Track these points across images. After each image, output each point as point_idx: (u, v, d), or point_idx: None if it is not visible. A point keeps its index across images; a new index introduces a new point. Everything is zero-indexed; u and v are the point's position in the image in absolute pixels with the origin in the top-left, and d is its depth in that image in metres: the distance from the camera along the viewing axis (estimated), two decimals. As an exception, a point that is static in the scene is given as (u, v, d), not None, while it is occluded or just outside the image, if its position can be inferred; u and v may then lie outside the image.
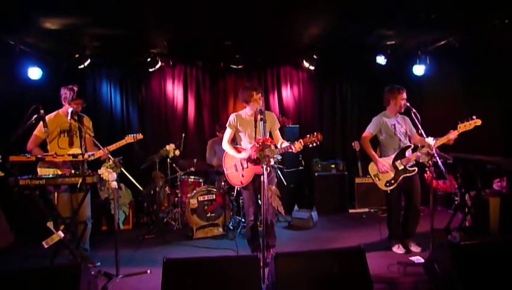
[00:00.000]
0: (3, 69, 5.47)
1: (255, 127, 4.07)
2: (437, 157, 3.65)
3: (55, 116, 4.06)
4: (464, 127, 3.92)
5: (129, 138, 4.20)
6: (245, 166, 4.14)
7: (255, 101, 4.08)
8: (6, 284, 2.75)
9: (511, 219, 4.55)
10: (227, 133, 4.26)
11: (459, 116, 3.97)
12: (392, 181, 4.25)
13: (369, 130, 4.42)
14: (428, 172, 3.76)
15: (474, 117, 3.91)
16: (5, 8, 4.23)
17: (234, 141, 4.35)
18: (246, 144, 4.19)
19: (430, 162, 3.68)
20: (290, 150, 3.86)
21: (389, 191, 4.28)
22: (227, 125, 4.27)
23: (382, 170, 4.25)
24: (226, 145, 4.25)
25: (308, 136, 3.76)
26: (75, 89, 3.99)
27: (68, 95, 3.97)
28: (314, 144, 3.76)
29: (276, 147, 3.72)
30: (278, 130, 4.25)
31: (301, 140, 3.78)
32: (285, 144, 3.94)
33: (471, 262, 2.95)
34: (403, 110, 4.33)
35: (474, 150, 4.69)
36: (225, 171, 4.35)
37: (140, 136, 4.28)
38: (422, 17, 4.92)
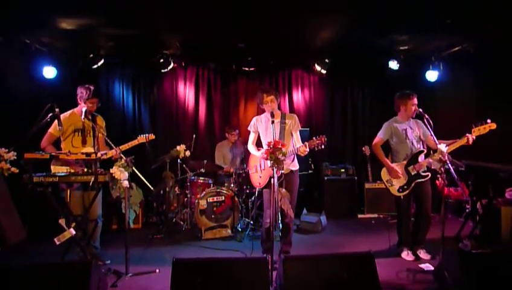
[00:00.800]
0: (19, 67, 5.57)
1: (265, 130, 4.13)
2: (449, 164, 3.61)
3: (70, 115, 4.12)
4: (478, 131, 3.82)
5: (141, 138, 4.26)
6: (263, 167, 4.18)
7: (266, 104, 4.11)
8: (18, 279, 2.80)
9: (523, 228, 4.49)
10: (251, 137, 4.37)
11: (472, 123, 3.89)
12: (405, 187, 4.21)
13: (380, 136, 4.40)
14: (440, 179, 3.72)
15: (488, 121, 3.80)
16: (22, 8, 4.31)
17: (259, 145, 4.41)
18: (264, 146, 4.23)
19: (442, 168, 3.64)
20: (298, 153, 3.91)
21: (402, 197, 4.24)
22: (249, 128, 4.39)
23: (395, 175, 4.22)
24: (249, 146, 4.37)
25: (314, 138, 3.79)
26: (92, 88, 4.06)
27: (84, 94, 4.04)
28: (320, 147, 3.78)
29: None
30: (297, 132, 4.24)
31: (306, 143, 3.82)
32: (296, 147, 3.98)
33: (481, 271, 2.92)
34: (414, 116, 4.28)
35: (487, 157, 4.64)
36: (249, 172, 4.44)
37: (152, 136, 4.32)
38: (437, 22, 4.88)
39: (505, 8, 4.43)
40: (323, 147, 3.78)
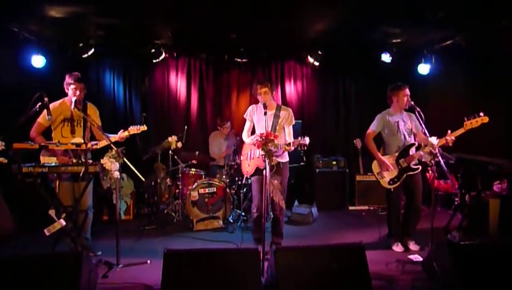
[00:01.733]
0: (6, 56, 5.46)
1: (258, 121, 4.14)
2: (439, 157, 3.64)
3: (60, 104, 4.06)
4: (471, 124, 3.83)
5: (132, 130, 4.20)
6: (251, 156, 4.19)
7: (259, 95, 4.13)
8: (7, 271, 2.77)
9: (510, 220, 4.55)
10: (246, 125, 4.39)
11: (464, 116, 3.91)
12: (396, 179, 4.24)
13: (372, 128, 4.42)
14: (430, 171, 3.75)
15: (481, 114, 3.80)
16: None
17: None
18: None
19: (432, 161, 3.67)
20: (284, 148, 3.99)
21: (392, 189, 4.28)
22: (244, 116, 4.41)
23: (386, 168, 4.25)
24: (244, 135, 4.38)
25: (299, 138, 3.84)
26: (76, 74, 4.01)
27: (68, 80, 3.99)
28: (303, 148, 3.85)
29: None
30: (290, 127, 4.25)
31: (290, 142, 3.90)
32: (285, 142, 4.03)
33: (469, 261, 2.97)
34: (407, 107, 4.28)
35: (476, 150, 4.69)
36: (241, 158, 4.48)
37: (144, 127, 4.27)
38: (429, 16, 4.89)
39: (495, 2, 4.46)
40: (305, 148, 3.87)
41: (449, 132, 3.89)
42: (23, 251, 4.24)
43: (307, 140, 3.79)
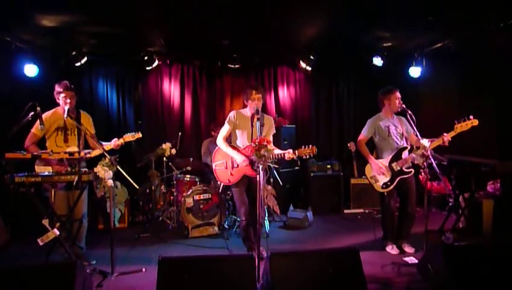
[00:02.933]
0: (-1, 65, 5.45)
1: (252, 127, 4.12)
2: (432, 159, 3.67)
3: (53, 113, 4.05)
4: (461, 127, 3.93)
5: (127, 137, 4.20)
6: (235, 165, 4.13)
7: (253, 100, 4.10)
8: (1, 281, 2.75)
9: (504, 221, 4.59)
10: (224, 129, 4.22)
11: (455, 118, 3.99)
12: (389, 183, 4.27)
13: (364, 133, 4.45)
14: (423, 173, 3.79)
15: (471, 117, 3.91)
16: (1, 4, 4.20)
17: (228, 140, 4.31)
18: (241, 142, 4.20)
19: (424, 163, 3.71)
20: (284, 157, 3.92)
21: (385, 193, 4.30)
22: (226, 121, 4.24)
23: (378, 172, 4.27)
24: (220, 140, 4.20)
25: (304, 147, 3.81)
26: (65, 82, 4.00)
27: (57, 88, 3.97)
28: (308, 156, 3.81)
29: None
30: (271, 136, 4.26)
31: (296, 151, 3.85)
32: (277, 151, 3.98)
33: (464, 263, 2.99)
34: (399, 110, 4.32)
35: (469, 152, 4.73)
36: (213, 167, 4.28)
37: (139, 135, 4.27)
38: (419, 19, 4.95)
39: (483, 6, 4.52)
40: (312, 156, 3.83)
41: (445, 133, 3.95)
42: (16, 261, 4.21)
43: (314, 149, 3.78)
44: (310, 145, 3.84)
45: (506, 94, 5.28)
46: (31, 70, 5.54)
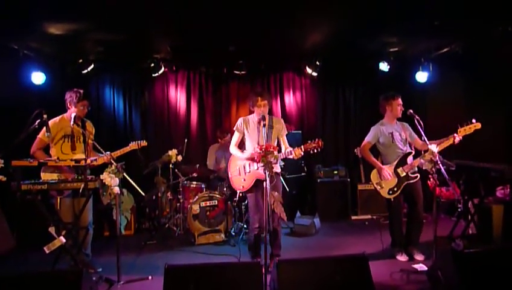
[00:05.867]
0: (6, 73, 5.48)
1: (258, 133, 4.10)
2: (440, 165, 3.63)
3: (60, 120, 4.07)
4: (464, 131, 3.95)
5: (133, 145, 4.25)
6: (247, 170, 4.12)
7: (259, 107, 4.10)
8: (7, 289, 2.74)
9: (514, 226, 4.52)
10: (235, 137, 4.28)
11: (462, 123, 3.98)
12: (395, 189, 4.23)
13: (368, 140, 4.43)
14: (431, 179, 3.74)
15: (473, 121, 3.93)
16: (9, 13, 4.25)
17: (241, 147, 4.33)
18: (251, 149, 4.19)
19: (433, 169, 3.66)
20: (291, 156, 3.88)
21: (392, 199, 4.26)
22: (234, 129, 4.29)
23: (386, 177, 4.24)
24: (233, 148, 4.26)
25: (309, 142, 3.77)
26: (81, 91, 4.03)
27: (74, 98, 3.99)
28: (315, 151, 3.77)
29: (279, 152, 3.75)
30: (285, 136, 4.24)
31: (302, 146, 3.79)
32: (288, 150, 3.95)
33: (474, 270, 2.94)
34: (400, 116, 4.34)
35: (477, 157, 4.68)
36: (229, 175, 4.33)
37: (144, 143, 4.31)
38: (425, 24, 4.93)
39: (490, 10, 4.49)
40: (319, 150, 3.77)
41: (455, 134, 3.95)
42: (22, 268, 4.21)
43: (320, 142, 3.73)
44: (316, 139, 3.78)
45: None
46: (38, 78, 5.59)
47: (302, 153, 3.80)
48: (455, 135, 3.95)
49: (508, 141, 5.40)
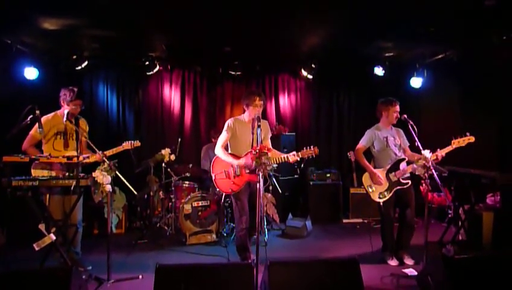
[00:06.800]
0: (-1, 68, 5.44)
1: (252, 134, 4.08)
2: (433, 170, 3.66)
3: (53, 117, 4.03)
4: (458, 143, 4.00)
5: (126, 145, 4.20)
6: (238, 173, 4.09)
7: (255, 107, 4.08)
8: (-5, 286, 2.71)
9: (504, 233, 4.55)
10: (223, 137, 4.15)
11: (455, 129, 4.05)
12: (385, 193, 4.25)
13: (362, 143, 4.45)
14: (424, 184, 3.77)
15: (467, 134, 3.98)
16: (3, 7, 4.20)
17: (226, 147, 4.26)
18: (240, 149, 4.16)
19: (426, 174, 3.69)
20: (287, 161, 3.89)
21: (381, 203, 4.28)
22: (224, 129, 4.18)
23: (377, 181, 4.26)
24: (219, 149, 4.12)
25: (305, 149, 3.79)
26: (75, 89, 3.98)
27: (67, 96, 3.95)
28: (310, 157, 3.80)
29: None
30: (269, 139, 4.26)
31: (299, 153, 3.84)
32: (284, 156, 3.97)
33: (464, 276, 2.95)
34: (395, 122, 4.37)
35: (469, 164, 4.72)
36: (213, 177, 4.23)
37: (137, 143, 4.27)
38: (421, 30, 4.96)
39: (485, 18, 4.53)
40: (314, 156, 3.82)
41: (439, 149, 3.99)
42: (11, 265, 4.15)
43: (316, 149, 3.79)
44: (312, 146, 3.83)
45: (508, 107, 5.29)
46: (31, 73, 5.52)
47: (298, 159, 3.84)
48: (438, 152, 3.95)
49: (499, 149, 5.45)
